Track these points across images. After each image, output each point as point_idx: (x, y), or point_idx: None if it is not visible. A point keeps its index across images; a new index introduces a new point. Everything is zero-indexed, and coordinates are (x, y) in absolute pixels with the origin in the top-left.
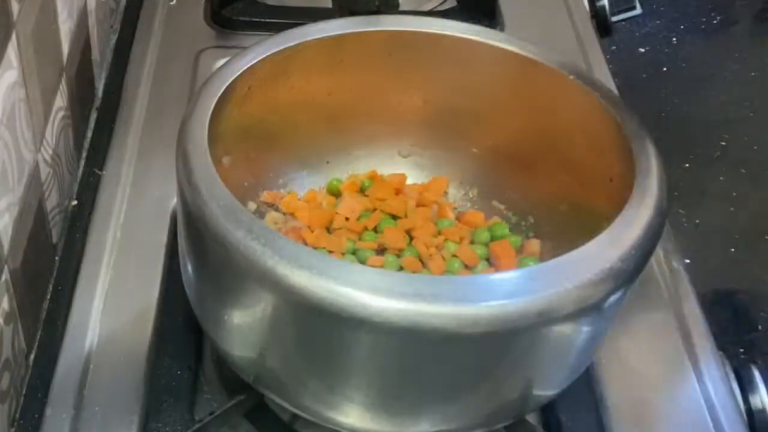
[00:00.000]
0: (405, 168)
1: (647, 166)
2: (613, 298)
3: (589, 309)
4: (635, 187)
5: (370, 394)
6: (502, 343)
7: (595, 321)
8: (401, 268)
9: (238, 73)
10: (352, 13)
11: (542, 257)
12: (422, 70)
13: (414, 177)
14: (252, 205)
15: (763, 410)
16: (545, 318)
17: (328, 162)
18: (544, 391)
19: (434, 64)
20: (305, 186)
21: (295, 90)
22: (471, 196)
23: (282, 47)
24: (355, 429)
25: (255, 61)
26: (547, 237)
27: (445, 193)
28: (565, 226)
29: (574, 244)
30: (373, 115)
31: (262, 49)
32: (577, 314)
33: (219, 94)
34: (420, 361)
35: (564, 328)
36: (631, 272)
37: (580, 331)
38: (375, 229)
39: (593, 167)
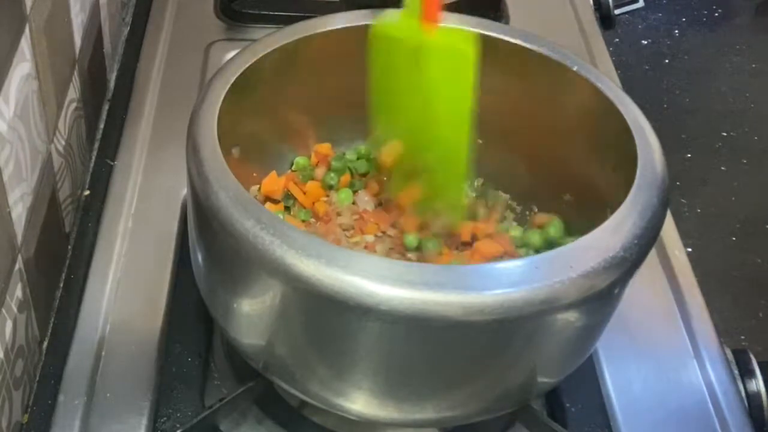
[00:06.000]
0: None
1: (649, 155)
2: (616, 287)
3: (593, 297)
4: (637, 176)
5: (377, 381)
6: (507, 331)
7: (598, 309)
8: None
9: (248, 65)
10: (360, 6)
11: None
12: None
13: None
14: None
15: (758, 393)
16: (549, 306)
17: (336, 153)
18: (548, 377)
19: None
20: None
21: (304, 82)
22: (476, 186)
23: (290, 40)
24: (362, 415)
25: (264, 54)
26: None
27: None
28: (569, 216)
29: (578, 233)
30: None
31: (270, 41)
32: (580, 302)
33: (228, 86)
34: (426, 348)
35: (568, 316)
36: (633, 261)
37: (584, 319)
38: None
39: (596, 157)
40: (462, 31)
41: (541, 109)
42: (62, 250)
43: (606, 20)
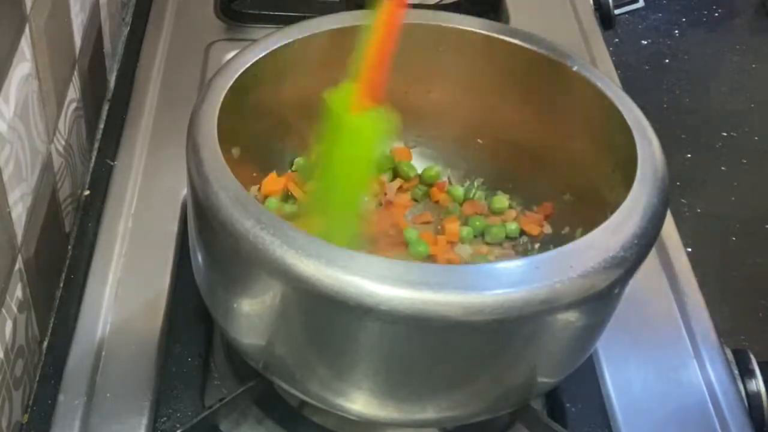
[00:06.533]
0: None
1: (649, 155)
2: (616, 286)
3: (593, 297)
4: (637, 176)
5: (377, 381)
6: (507, 331)
7: (598, 309)
8: None
9: (248, 65)
10: (360, 6)
11: (544, 247)
12: (428, 63)
13: (421, 167)
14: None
15: (758, 393)
16: (549, 306)
17: None
18: (548, 377)
19: (440, 56)
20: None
21: (304, 81)
22: (476, 186)
23: (290, 40)
24: (362, 415)
25: (264, 54)
26: (551, 226)
27: (450, 182)
28: (568, 216)
29: (578, 234)
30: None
31: (271, 41)
32: (580, 302)
33: (228, 86)
34: (426, 348)
35: (568, 316)
36: (633, 261)
37: (584, 319)
38: None
39: (596, 157)
40: (379, 117)
41: (540, 109)
42: (62, 250)
43: (606, 20)
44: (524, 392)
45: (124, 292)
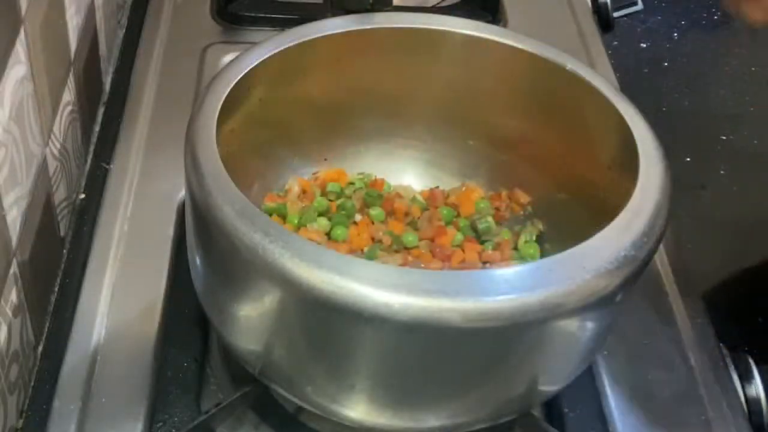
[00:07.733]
0: (403, 160)
1: (651, 152)
2: (626, 287)
3: (605, 298)
4: (641, 174)
5: (374, 388)
6: (510, 337)
7: (608, 310)
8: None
9: (247, 68)
10: (348, 11)
11: (541, 246)
12: (424, 66)
13: (413, 168)
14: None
15: (757, 399)
16: (554, 310)
17: (327, 158)
18: (553, 383)
19: (435, 59)
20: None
21: (302, 86)
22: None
23: (290, 44)
24: (359, 422)
25: (263, 57)
26: (546, 225)
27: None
28: (563, 215)
29: (572, 232)
30: (376, 109)
31: (270, 46)
32: (589, 305)
33: (228, 90)
34: (426, 355)
35: (577, 319)
36: (643, 259)
37: (594, 321)
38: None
39: (591, 156)
40: None
41: (536, 110)
42: (57, 254)
43: (604, 23)
44: (527, 399)
45: (120, 296)
